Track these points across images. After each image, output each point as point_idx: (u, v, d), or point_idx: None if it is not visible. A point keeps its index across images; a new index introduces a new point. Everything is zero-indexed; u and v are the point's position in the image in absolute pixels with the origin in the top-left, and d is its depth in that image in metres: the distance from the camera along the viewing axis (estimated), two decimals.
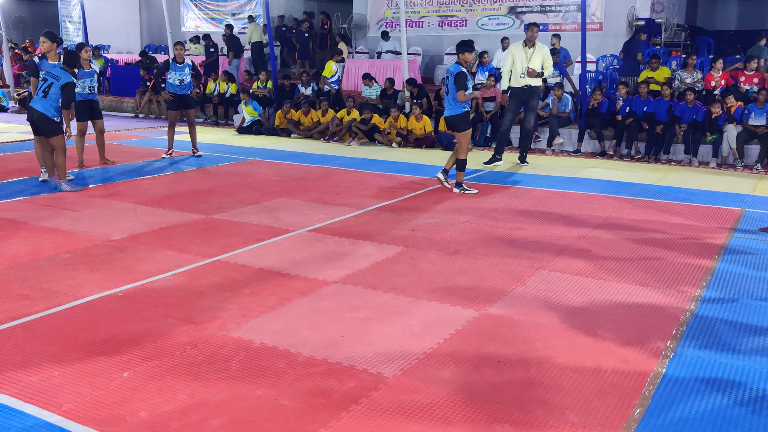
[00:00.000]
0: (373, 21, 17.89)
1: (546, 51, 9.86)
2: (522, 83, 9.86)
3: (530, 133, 10.42)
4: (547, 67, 9.87)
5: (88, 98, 9.58)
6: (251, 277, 5.13)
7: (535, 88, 9.97)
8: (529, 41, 9.79)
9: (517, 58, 9.85)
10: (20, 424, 3.13)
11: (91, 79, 9.57)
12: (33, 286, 4.88)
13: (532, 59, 9.73)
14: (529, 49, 9.78)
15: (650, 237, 6.35)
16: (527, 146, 10.48)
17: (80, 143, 9.71)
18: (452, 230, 6.50)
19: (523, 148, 10.45)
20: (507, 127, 10.30)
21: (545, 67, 9.84)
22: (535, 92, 10.02)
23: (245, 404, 3.32)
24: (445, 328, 4.22)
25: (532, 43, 9.77)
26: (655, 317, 4.45)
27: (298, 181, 8.85)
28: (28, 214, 6.95)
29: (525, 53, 9.80)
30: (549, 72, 9.99)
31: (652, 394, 3.45)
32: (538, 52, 9.76)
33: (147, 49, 20.86)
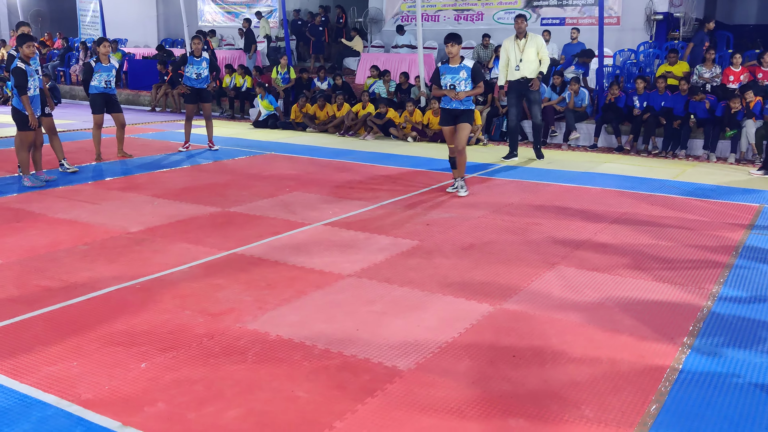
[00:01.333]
0: (389, 15, 17.85)
1: (539, 41, 9.70)
2: (518, 76, 9.78)
3: (540, 126, 10.29)
4: (543, 56, 9.70)
5: (104, 92, 9.65)
6: (267, 270, 5.15)
7: (533, 80, 9.81)
8: (519, 33, 9.69)
9: (511, 52, 9.78)
10: (40, 413, 3.17)
11: (108, 74, 9.62)
12: (52, 278, 4.93)
13: (525, 50, 9.63)
14: (521, 41, 9.68)
15: (667, 233, 6.31)
16: (539, 140, 10.37)
17: (96, 136, 9.78)
18: (467, 225, 6.49)
19: (536, 142, 10.36)
20: (514, 122, 10.20)
21: (541, 57, 9.68)
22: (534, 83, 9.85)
23: (261, 396, 3.34)
24: (460, 323, 4.22)
25: (523, 35, 9.68)
26: (671, 313, 4.43)
27: (314, 175, 8.87)
28: (46, 206, 7.02)
29: (517, 45, 9.72)
30: (545, 62, 9.78)
31: (668, 390, 3.43)
32: (530, 43, 9.65)
33: (164, 43, 20.95)
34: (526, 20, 9.90)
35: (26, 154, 7.95)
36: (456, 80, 7.55)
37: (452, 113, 7.69)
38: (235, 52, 18.05)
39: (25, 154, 7.94)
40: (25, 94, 7.63)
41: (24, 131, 7.78)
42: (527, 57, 9.63)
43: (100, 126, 9.76)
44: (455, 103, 7.60)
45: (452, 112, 7.69)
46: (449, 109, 7.69)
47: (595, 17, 14.00)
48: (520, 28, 9.68)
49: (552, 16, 15.60)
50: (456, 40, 7.55)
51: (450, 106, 7.68)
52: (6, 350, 3.78)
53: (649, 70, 13.02)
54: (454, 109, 7.67)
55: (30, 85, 7.70)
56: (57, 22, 24.44)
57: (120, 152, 10.06)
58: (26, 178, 7.97)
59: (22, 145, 7.88)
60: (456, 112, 7.67)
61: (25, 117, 7.71)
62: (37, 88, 7.87)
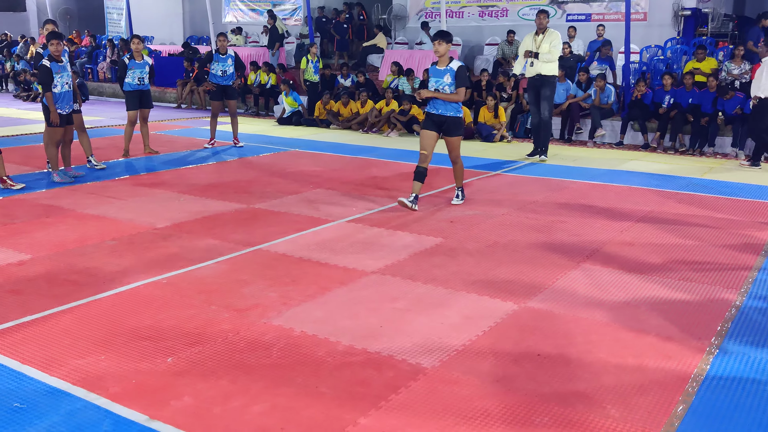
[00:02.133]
0: (413, 11, 17.81)
1: (554, 36, 9.50)
2: (533, 72, 9.64)
3: (548, 124, 9.95)
4: (552, 48, 9.45)
5: (137, 89, 9.77)
6: (291, 266, 5.18)
7: (548, 77, 9.57)
8: (538, 29, 9.56)
9: (527, 47, 9.67)
10: (69, 405, 3.22)
11: (141, 71, 9.74)
12: (80, 272, 5.01)
13: (541, 46, 9.47)
14: (539, 37, 9.54)
15: (694, 232, 6.23)
16: (546, 138, 10.00)
17: (128, 132, 9.90)
18: (491, 222, 6.47)
19: (543, 141, 9.98)
20: (536, 120, 10.01)
21: (550, 51, 9.44)
22: (548, 81, 9.60)
23: (286, 391, 3.36)
24: (485, 321, 4.21)
25: (542, 30, 9.53)
26: (699, 313, 4.38)
27: (337, 172, 8.89)
28: (75, 201, 7.13)
29: (534, 41, 9.59)
30: (551, 56, 9.47)
31: (695, 391, 3.40)
32: (546, 39, 9.48)
33: (189, 40, 21.13)
34: (548, 17, 9.74)
35: (55, 150, 8.07)
36: (440, 85, 6.78)
37: (436, 120, 6.86)
38: (260, 49, 18.14)
39: (54, 150, 8.05)
40: (49, 91, 7.73)
41: (52, 128, 7.89)
42: (542, 53, 9.48)
43: (134, 123, 9.87)
44: (440, 108, 6.79)
45: (436, 118, 6.85)
46: (433, 114, 6.86)
47: (622, 13, 13.85)
48: (540, 24, 9.55)
49: (578, 12, 15.46)
50: (444, 38, 6.75)
51: (435, 111, 6.84)
52: (36, 344, 3.85)
53: (676, 66, 12.85)
54: (439, 115, 6.82)
55: (57, 82, 7.80)
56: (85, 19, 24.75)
57: (147, 149, 10.17)
58: (55, 173, 8.09)
59: (51, 141, 7.99)
60: (440, 119, 6.83)
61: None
62: (65, 85, 7.96)
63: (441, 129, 6.88)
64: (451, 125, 6.85)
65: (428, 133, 6.90)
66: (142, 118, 10.03)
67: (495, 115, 11.81)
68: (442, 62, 6.83)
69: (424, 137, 6.91)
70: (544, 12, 9.69)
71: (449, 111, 6.81)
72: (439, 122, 6.86)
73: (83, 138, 8.88)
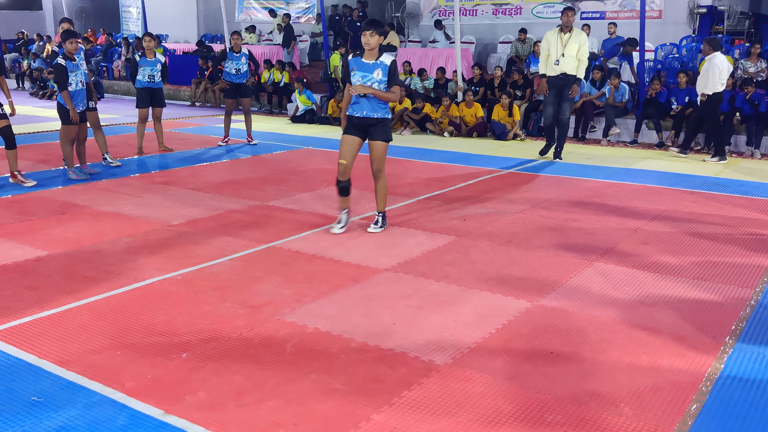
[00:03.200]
0: (426, 10, 17.81)
1: (583, 38, 9.33)
2: (557, 71, 9.43)
3: (566, 126, 9.86)
4: (581, 56, 9.30)
5: (147, 86, 9.83)
6: (305, 264, 5.21)
7: (573, 76, 9.42)
8: (565, 27, 9.33)
9: (552, 45, 9.43)
10: (86, 399, 3.26)
11: (152, 68, 9.79)
12: (96, 268, 5.05)
13: (568, 45, 9.27)
14: (565, 35, 9.33)
15: (709, 231, 6.19)
16: (562, 140, 9.89)
17: (140, 130, 9.97)
18: (505, 220, 6.47)
19: (558, 143, 9.86)
20: (549, 119, 9.93)
21: (579, 57, 9.28)
22: (572, 82, 9.47)
23: (299, 387, 3.38)
24: (498, 318, 4.22)
25: (569, 29, 9.34)
26: (713, 312, 4.36)
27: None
28: (91, 198, 7.19)
29: (560, 39, 9.34)
30: (583, 65, 9.36)
31: (709, 390, 3.38)
32: (574, 39, 9.27)
33: (203, 38, 21.23)
34: (575, 13, 9.53)
35: (70, 148, 8.14)
36: (367, 80, 5.72)
37: (361, 123, 5.86)
38: (273, 47, 18.20)
39: (69, 147, 8.12)
40: (65, 89, 7.80)
41: (67, 125, 7.96)
42: (569, 52, 9.28)
43: (145, 120, 9.95)
44: (367, 110, 5.78)
45: (361, 121, 5.84)
46: (358, 116, 5.83)
47: (636, 11, 13.78)
48: (567, 22, 9.31)
49: (592, 10, 15.40)
50: (376, 28, 5.68)
51: (360, 114, 5.81)
52: (53, 338, 3.89)
53: (692, 64, 12.77)
54: (365, 118, 5.81)
55: (71, 81, 7.86)
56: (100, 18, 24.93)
57: (161, 146, 10.24)
58: (71, 171, 8.16)
59: (66, 139, 8.06)
60: (366, 122, 5.83)
61: (68, 112, 7.89)
62: (80, 83, 8.03)
63: (365, 133, 5.93)
64: (380, 128, 5.85)
65: (351, 139, 5.91)
66: (155, 117, 10.09)
67: (509, 113, 11.78)
68: (371, 55, 5.76)
69: (346, 144, 5.92)
70: (571, 9, 9.47)
71: (377, 112, 5.81)
72: (364, 126, 5.87)
73: (98, 135, 8.95)
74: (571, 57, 9.34)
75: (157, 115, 10.13)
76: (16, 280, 4.79)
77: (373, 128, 5.88)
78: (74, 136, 8.12)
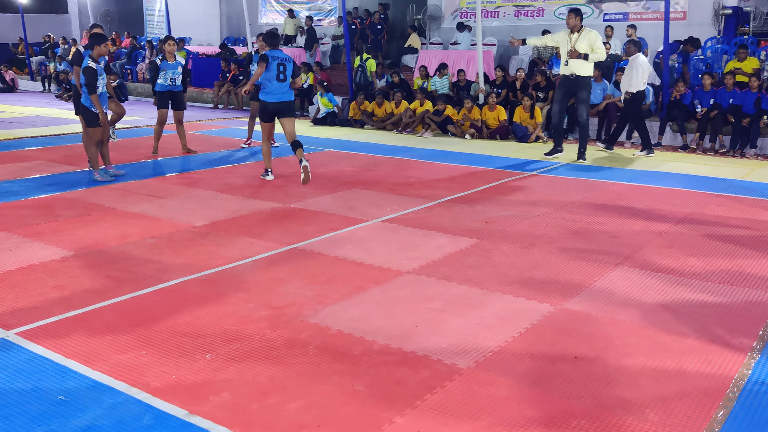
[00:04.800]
0: (448, 12, 17.77)
1: (594, 35, 9.35)
2: (567, 71, 9.47)
3: (585, 126, 9.81)
4: (596, 49, 9.31)
5: (169, 89, 9.89)
6: (327, 265, 5.22)
7: (584, 78, 9.42)
8: (572, 29, 9.39)
9: (561, 45, 9.50)
10: (111, 399, 3.29)
11: (173, 71, 9.87)
12: (122, 269, 5.11)
13: (577, 45, 9.31)
14: (574, 35, 9.38)
15: (735, 234, 6.11)
16: (584, 140, 9.85)
17: (157, 131, 10.05)
18: (527, 223, 6.43)
19: (580, 144, 9.86)
20: (557, 118, 9.93)
21: (594, 50, 9.30)
22: (584, 82, 9.46)
23: (322, 389, 3.39)
24: (521, 322, 4.19)
25: (577, 29, 9.37)
26: (740, 317, 4.30)
27: (372, 172, 8.92)
28: (116, 200, 7.27)
29: (569, 40, 9.40)
30: (598, 56, 9.39)
31: (736, 396, 3.34)
32: (583, 37, 9.31)
33: (226, 41, 21.38)
34: (578, 16, 9.48)
35: (95, 150, 8.23)
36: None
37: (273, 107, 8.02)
38: (295, 50, 18.27)
39: (94, 149, 8.22)
40: (95, 92, 7.89)
41: (93, 128, 8.05)
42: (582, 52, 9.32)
43: (163, 123, 10.02)
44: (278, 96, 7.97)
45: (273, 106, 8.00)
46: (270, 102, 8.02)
47: (660, 12, 13.64)
48: (572, 24, 9.38)
49: (615, 12, 15.27)
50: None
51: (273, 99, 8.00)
52: (79, 338, 3.94)
53: (717, 66, 12.61)
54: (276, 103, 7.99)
55: (99, 84, 7.95)
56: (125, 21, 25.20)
57: (185, 149, 10.32)
58: (96, 172, 8.25)
59: (90, 141, 8.15)
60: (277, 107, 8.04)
61: (94, 115, 7.96)
62: (103, 87, 8.11)
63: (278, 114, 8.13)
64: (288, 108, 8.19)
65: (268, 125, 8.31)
66: (177, 120, 10.15)
67: (531, 115, 11.72)
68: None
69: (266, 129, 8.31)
70: (574, 11, 9.49)
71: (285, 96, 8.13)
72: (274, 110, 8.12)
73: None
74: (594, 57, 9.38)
75: (179, 118, 10.20)
76: (43, 281, 4.86)
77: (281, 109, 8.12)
78: (99, 138, 8.22)
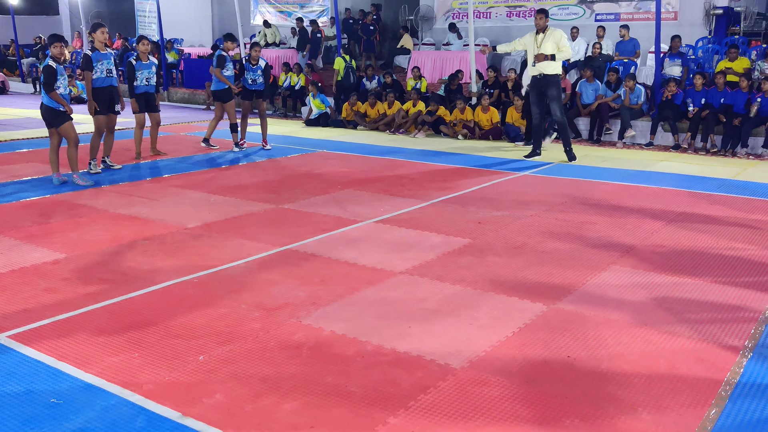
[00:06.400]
0: (440, 12, 17.79)
1: (558, 34, 9.41)
2: (535, 72, 9.59)
3: (563, 125, 9.83)
4: (562, 48, 9.38)
5: (145, 90, 9.64)
6: (320, 266, 5.22)
7: (551, 76, 9.50)
8: (538, 29, 9.48)
9: (528, 47, 9.61)
10: (104, 402, 3.28)
11: (148, 71, 9.61)
12: (114, 271, 5.09)
13: (542, 45, 9.39)
14: (539, 36, 9.47)
15: (727, 233, 6.14)
16: (566, 139, 9.85)
17: (137, 135, 9.83)
18: (520, 223, 6.45)
19: (564, 144, 9.87)
20: (537, 120, 9.97)
21: (561, 50, 9.38)
22: (552, 81, 9.53)
23: (315, 390, 3.39)
24: (514, 322, 4.20)
25: (542, 30, 9.45)
26: (732, 316, 4.32)
27: (365, 173, 8.92)
28: (108, 201, 7.25)
29: (535, 41, 9.51)
30: (565, 54, 9.47)
31: (728, 395, 3.35)
32: (548, 38, 9.39)
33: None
34: (546, 17, 9.54)
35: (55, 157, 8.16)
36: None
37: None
38: (288, 50, 18.27)
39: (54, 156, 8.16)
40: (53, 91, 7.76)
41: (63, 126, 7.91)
42: (544, 51, 9.39)
43: (142, 126, 9.80)
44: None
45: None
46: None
47: (651, 12, 13.70)
48: (537, 24, 9.48)
49: (606, 12, 15.32)
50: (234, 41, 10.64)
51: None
52: (72, 341, 3.93)
53: (708, 66, 12.68)
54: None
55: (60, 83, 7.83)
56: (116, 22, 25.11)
57: (153, 150, 10.15)
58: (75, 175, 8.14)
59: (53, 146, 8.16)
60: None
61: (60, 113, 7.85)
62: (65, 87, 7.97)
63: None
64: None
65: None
66: (154, 123, 9.95)
67: (523, 115, 11.74)
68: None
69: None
70: (542, 12, 9.57)
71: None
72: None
73: (108, 138, 8.96)
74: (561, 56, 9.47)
75: (157, 120, 10.00)
76: (35, 283, 4.84)
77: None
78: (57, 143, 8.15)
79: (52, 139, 8.16)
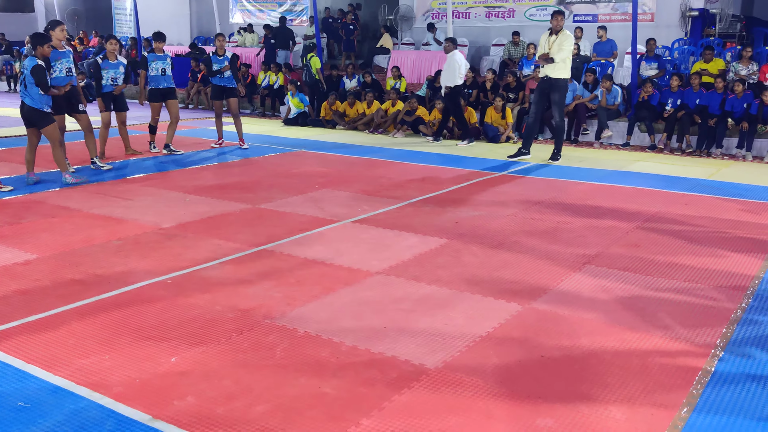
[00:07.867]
0: (420, 12, 17.81)
1: (563, 38, 9.35)
2: (542, 73, 9.61)
3: (560, 128, 9.88)
4: (562, 48, 9.36)
5: (111, 89, 9.58)
6: (296, 267, 5.18)
7: (556, 80, 9.45)
8: (554, 30, 9.45)
9: (540, 48, 9.64)
10: (73, 405, 3.23)
11: (115, 71, 9.54)
12: (86, 272, 5.02)
13: (553, 48, 9.37)
14: (552, 38, 9.45)
15: (701, 233, 6.20)
16: (559, 143, 9.92)
17: (103, 134, 9.72)
18: (496, 223, 6.46)
19: (556, 145, 9.92)
20: (531, 117, 10.01)
21: (561, 50, 9.34)
22: (557, 85, 9.49)
23: (289, 391, 3.36)
24: (489, 321, 4.20)
25: (557, 31, 9.42)
26: (704, 315, 4.36)
27: (343, 173, 8.89)
28: (82, 201, 7.15)
29: (548, 42, 9.50)
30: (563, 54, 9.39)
31: (700, 393, 3.38)
32: (558, 41, 9.37)
33: (196, 41, 21.18)
34: (563, 18, 9.51)
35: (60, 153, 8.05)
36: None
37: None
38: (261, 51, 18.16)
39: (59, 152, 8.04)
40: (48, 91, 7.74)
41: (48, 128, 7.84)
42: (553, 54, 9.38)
43: (107, 125, 9.70)
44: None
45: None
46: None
47: (628, 14, 13.82)
48: (556, 25, 9.40)
49: (584, 13, 15.43)
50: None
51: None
52: (40, 343, 3.86)
53: (684, 67, 12.81)
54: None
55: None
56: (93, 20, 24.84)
57: (128, 150, 10.06)
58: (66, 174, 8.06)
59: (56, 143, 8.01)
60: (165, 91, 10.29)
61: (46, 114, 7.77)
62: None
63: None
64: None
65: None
66: (119, 122, 9.87)
67: (502, 116, 11.78)
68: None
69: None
70: (559, 13, 9.51)
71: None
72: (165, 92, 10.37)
73: (89, 139, 8.86)
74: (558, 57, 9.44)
75: (123, 120, 9.92)
76: (5, 284, 4.76)
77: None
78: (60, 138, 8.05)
79: (31, 139, 8.04)
